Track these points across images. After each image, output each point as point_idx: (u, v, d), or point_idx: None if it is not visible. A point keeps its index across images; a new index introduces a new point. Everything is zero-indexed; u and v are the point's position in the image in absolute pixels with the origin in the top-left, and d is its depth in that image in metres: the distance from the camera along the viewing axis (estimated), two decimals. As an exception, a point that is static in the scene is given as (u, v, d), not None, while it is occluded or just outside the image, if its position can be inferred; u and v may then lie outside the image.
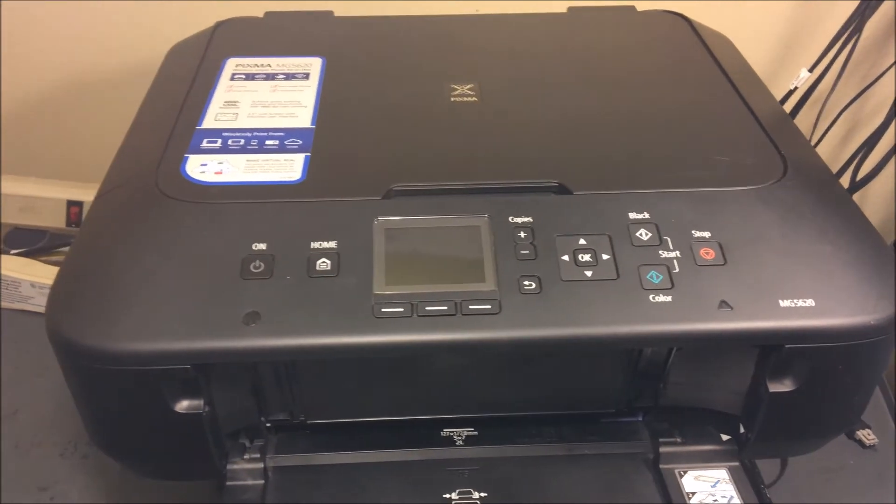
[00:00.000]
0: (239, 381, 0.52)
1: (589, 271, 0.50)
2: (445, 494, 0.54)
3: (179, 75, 0.68)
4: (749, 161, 0.57)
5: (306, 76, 0.67)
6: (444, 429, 0.59)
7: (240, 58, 0.69)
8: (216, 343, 0.46)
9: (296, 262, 0.49)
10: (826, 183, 0.57)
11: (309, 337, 0.46)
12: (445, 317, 0.48)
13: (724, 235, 0.51)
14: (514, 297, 0.48)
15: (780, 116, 0.64)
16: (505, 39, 0.75)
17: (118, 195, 0.55)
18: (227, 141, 0.59)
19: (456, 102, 0.64)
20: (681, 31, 0.75)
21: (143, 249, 0.50)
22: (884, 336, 0.48)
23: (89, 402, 0.50)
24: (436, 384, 0.57)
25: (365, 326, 0.47)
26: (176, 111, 0.62)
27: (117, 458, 0.54)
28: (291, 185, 0.55)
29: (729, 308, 0.48)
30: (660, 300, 0.48)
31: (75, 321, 0.47)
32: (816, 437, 0.56)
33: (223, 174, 0.55)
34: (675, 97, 0.65)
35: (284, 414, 0.56)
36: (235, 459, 0.55)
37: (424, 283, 0.49)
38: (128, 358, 0.46)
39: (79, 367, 0.48)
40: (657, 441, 0.57)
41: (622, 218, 0.52)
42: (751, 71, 0.71)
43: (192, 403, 0.49)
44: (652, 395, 0.57)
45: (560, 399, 0.59)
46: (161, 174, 0.55)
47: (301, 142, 0.59)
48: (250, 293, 0.48)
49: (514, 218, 0.52)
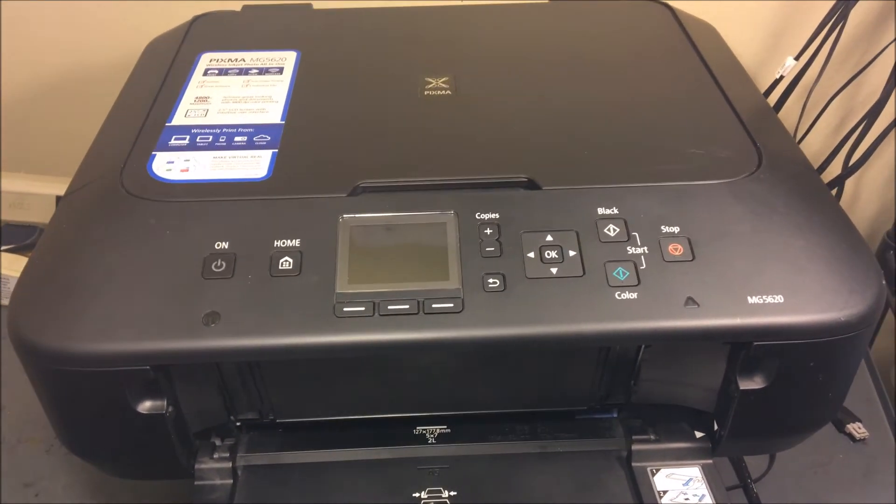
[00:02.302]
0: (204, 380, 0.52)
1: (555, 268, 0.49)
2: (415, 493, 0.54)
3: (153, 71, 0.67)
4: (723, 154, 0.56)
5: (280, 70, 0.66)
6: (416, 426, 0.58)
7: (214, 52, 0.69)
8: (175, 344, 0.46)
9: (258, 261, 0.49)
10: (802, 176, 0.56)
11: (268, 337, 0.46)
12: (408, 315, 0.47)
13: (694, 231, 0.50)
14: (478, 295, 0.48)
15: (760, 107, 0.63)
16: (485, 31, 0.75)
17: (84, 194, 0.55)
18: (196, 138, 0.58)
19: (429, 96, 0.63)
20: (663, 21, 0.74)
21: (104, 249, 0.50)
22: (854, 333, 0.48)
23: (52, 402, 0.50)
24: (407, 382, 0.57)
25: (326, 326, 0.47)
26: (147, 108, 0.62)
27: (84, 457, 0.54)
28: (257, 183, 0.54)
29: (695, 305, 0.47)
30: (625, 297, 0.48)
31: (34, 322, 0.47)
32: (791, 434, 0.56)
33: (189, 172, 0.55)
34: (652, 89, 0.64)
35: (254, 413, 0.56)
36: (204, 458, 0.55)
37: (388, 282, 0.48)
38: (86, 359, 0.46)
39: (39, 368, 0.48)
40: (630, 438, 0.56)
41: (591, 213, 0.51)
42: (734, 60, 0.70)
43: (154, 404, 0.49)
44: (625, 392, 0.56)
45: (533, 396, 0.58)
46: (127, 172, 0.55)
47: (269, 138, 0.58)
48: (211, 293, 0.47)
49: (481, 214, 0.52)
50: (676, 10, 0.76)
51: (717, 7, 0.84)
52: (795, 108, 0.86)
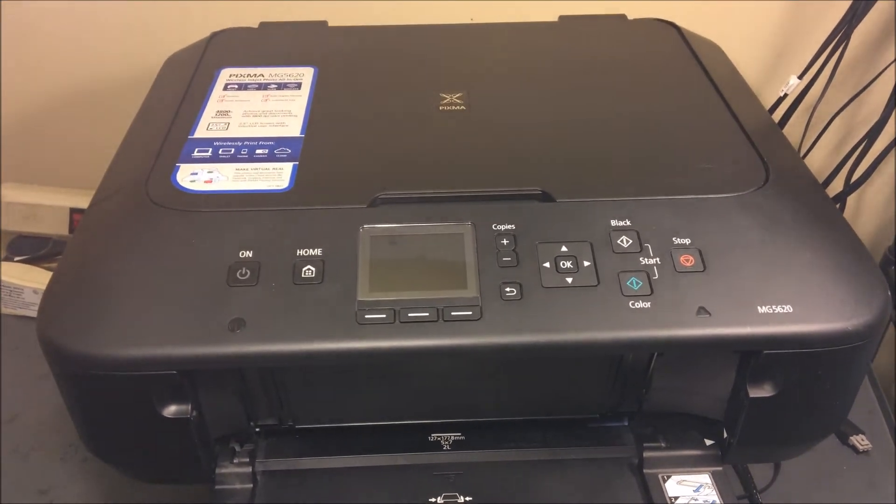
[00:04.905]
0: (227, 386, 0.53)
1: (570, 278, 0.50)
2: (431, 499, 0.55)
3: (174, 85, 0.69)
4: (731, 169, 0.58)
5: (298, 86, 0.68)
6: (431, 433, 0.59)
7: (233, 68, 0.70)
8: (201, 349, 0.47)
9: (281, 269, 0.50)
10: (809, 190, 0.58)
11: (292, 343, 0.47)
12: (427, 323, 0.48)
13: (704, 242, 0.52)
14: (496, 303, 0.49)
15: (766, 124, 0.65)
16: (496, 49, 0.76)
17: (110, 204, 0.56)
18: (218, 150, 0.60)
19: (444, 111, 0.64)
20: (670, 40, 0.76)
21: (132, 257, 0.51)
22: (861, 342, 0.49)
23: (80, 406, 0.51)
24: (423, 389, 0.58)
25: (348, 333, 0.48)
26: (169, 121, 0.63)
27: (107, 460, 0.55)
28: (279, 194, 0.55)
29: (707, 314, 0.48)
30: (639, 307, 0.49)
31: (64, 327, 0.48)
32: (799, 441, 0.57)
33: (213, 183, 0.56)
34: (661, 106, 0.66)
35: (273, 419, 0.57)
36: (224, 463, 0.56)
37: (407, 290, 0.50)
38: (115, 364, 0.47)
39: (68, 372, 0.49)
40: (641, 446, 0.57)
41: (604, 225, 0.53)
42: (740, 79, 0.72)
43: (179, 408, 0.50)
44: (636, 400, 0.57)
45: (546, 404, 0.59)
46: (152, 183, 0.56)
47: (290, 151, 0.60)
48: (236, 300, 0.49)
49: (498, 225, 0.53)
50: (683, 30, 0.78)
51: (722, 27, 0.86)
52: (798, 125, 0.87)
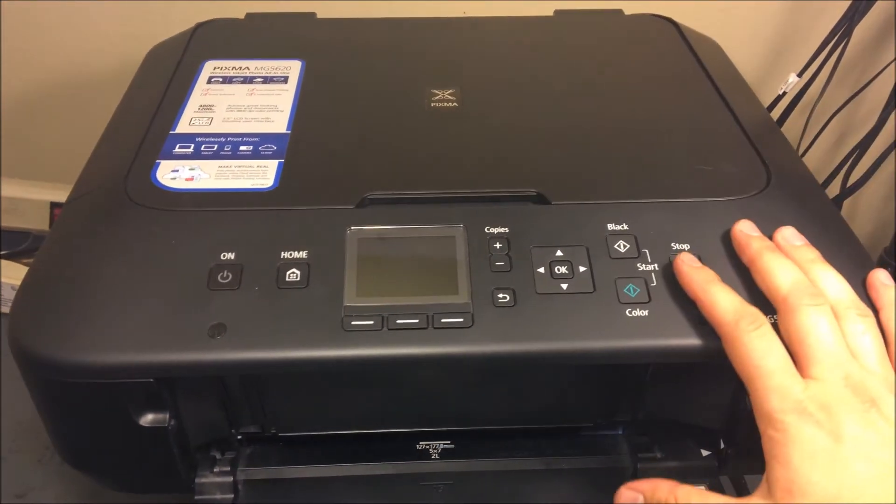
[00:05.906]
0: (207, 393, 0.51)
1: (565, 284, 0.48)
2: (419, 510, 0.53)
3: (156, 78, 0.67)
4: (732, 171, 0.56)
5: (285, 80, 0.66)
6: (420, 442, 0.57)
7: (218, 60, 0.68)
8: (179, 356, 0.45)
9: (265, 272, 0.48)
10: (810, 194, 0.56)
11: (275, 350, 0.45)
12: (417, 330, 0.46)
13: (704, 247, 0.50)
14: (488, 310, 0.47)
15: (766, 125, 0.63)
16: (490, 43, 0.74)
17: (86, 201, 0.54)
18: (201, 146, 0.57)
19: (436, 108, 0.62)
20: (668, 36, 0.74)
21: (107, 258, 0.49)
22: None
23: (52, 414, 0.49)
24: (412, 397, 0.56)
25: (333, 340, 0.46)
26: (150, 115, 0.61)
27: (81, 469, 0.53)
28: (263, 193, 0.53)
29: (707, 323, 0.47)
30: (637, 314, 0.47)
31: (35, 331, 0.46)
32: (798, 453, 0.55)
33: (194, 181, 0.54)
34: (659, 105, 0.64)
35: (255, 426, 0.55)
36: (205, 472, 0.54)
37: (396, 295, 0.48)
38: (88, 371, 0.45)
39: (39, 378, 0.47)
40: (636, 456, 0.56)
41: (600, 229, 0.51)
42: (739, 77, 0.70)
43: (156, 417, 0.48)
44: (631, 409, 0.56)
45: (539, 413, 0.58)
46: (131, 180, 0.54)
47: (275, 147, 0.57)
48: (217, 304, 0.47)
49: (491, 228, 0.51)
50: (681, 26, 0.76)
51: (720, 23, 0.84)
52: (795, 123, 0.86)
